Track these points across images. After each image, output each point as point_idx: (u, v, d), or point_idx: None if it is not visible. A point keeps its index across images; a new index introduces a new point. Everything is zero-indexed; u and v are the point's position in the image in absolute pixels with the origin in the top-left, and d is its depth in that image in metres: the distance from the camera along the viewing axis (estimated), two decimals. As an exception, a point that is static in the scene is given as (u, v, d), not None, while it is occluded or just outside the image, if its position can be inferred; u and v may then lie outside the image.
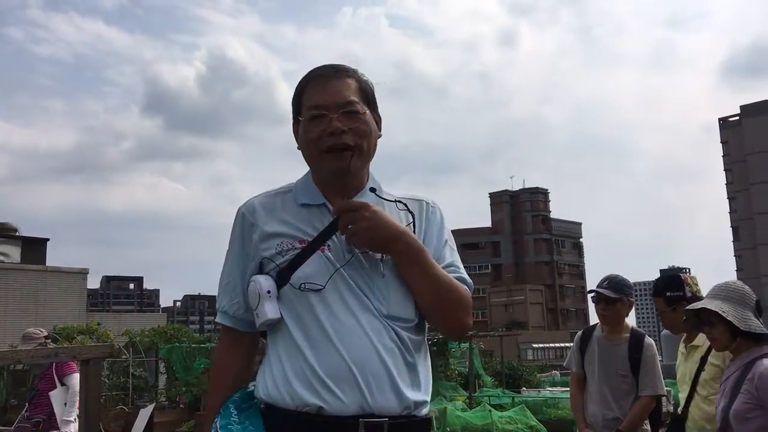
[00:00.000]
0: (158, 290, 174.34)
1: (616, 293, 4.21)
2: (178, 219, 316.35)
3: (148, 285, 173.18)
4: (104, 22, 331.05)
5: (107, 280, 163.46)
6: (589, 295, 4.48)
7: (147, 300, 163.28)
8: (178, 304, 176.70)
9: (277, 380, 1.70)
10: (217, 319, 1.88)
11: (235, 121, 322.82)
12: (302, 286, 1.71)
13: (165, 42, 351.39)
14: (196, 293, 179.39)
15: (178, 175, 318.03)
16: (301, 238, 1.77)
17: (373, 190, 1.83)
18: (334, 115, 1.77)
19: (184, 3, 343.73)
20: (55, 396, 6.10)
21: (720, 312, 2.97)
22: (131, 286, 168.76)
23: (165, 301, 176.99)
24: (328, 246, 1.75)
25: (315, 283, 1.70)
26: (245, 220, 1.84)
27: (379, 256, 1.77)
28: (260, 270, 1.80)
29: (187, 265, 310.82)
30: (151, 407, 13.42)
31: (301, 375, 1.66)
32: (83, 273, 31.79)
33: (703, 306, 3.09)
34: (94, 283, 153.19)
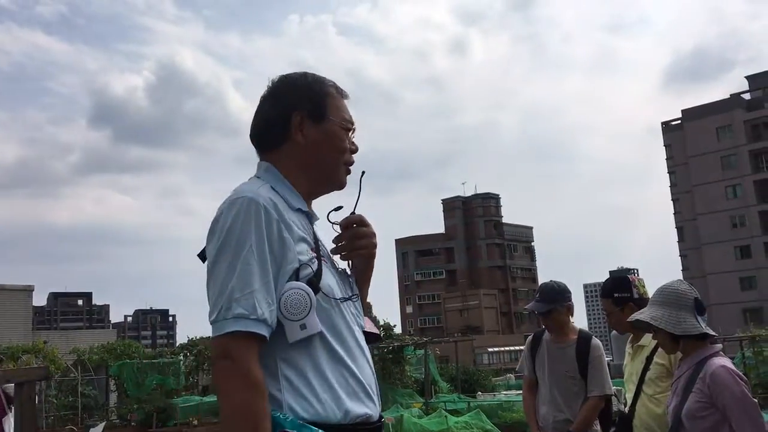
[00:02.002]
0: (108, 306, 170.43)
1: (549, 304, 4.25)
2: (127, 232, 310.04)
3: (97, 301, 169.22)
4: (44, 32, 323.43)
5: (54, 296, 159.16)
6: None
7: (96, 316, 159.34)
8: (129, 319, 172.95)
9: (322, 396, 1.60)
10: (250, 329, 1.53)
11: (186, 132, 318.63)
12: (343, 298, 1.72)
13: (108, 52, 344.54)
14: (148, 308, 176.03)
15: (128, 188, 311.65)
16: (312, 245, 1.72)
17: (340, 207, 1.85)
18: (353, 136, 1.88)
19: (126, 11, 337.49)
20: (9, 422, 5.89)
21: (651, 321, 3.01)
22: (79, 302, 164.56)
23: (115, 317, 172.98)
24: (325, 257, 1.75)
25: (354, 294, 1.77)
26: (270, 216, 1.61)
27: (344, 268, 1.86)
28: (296, 276, 1.64)
29: (138, 280, 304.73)
30: (101, 426, 13.11)
31: (346, 387, 1.64)
32: (28, 290, 30.91)
33: (635, 318, 3.15)
34: (40, 300, 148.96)
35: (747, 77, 71.95)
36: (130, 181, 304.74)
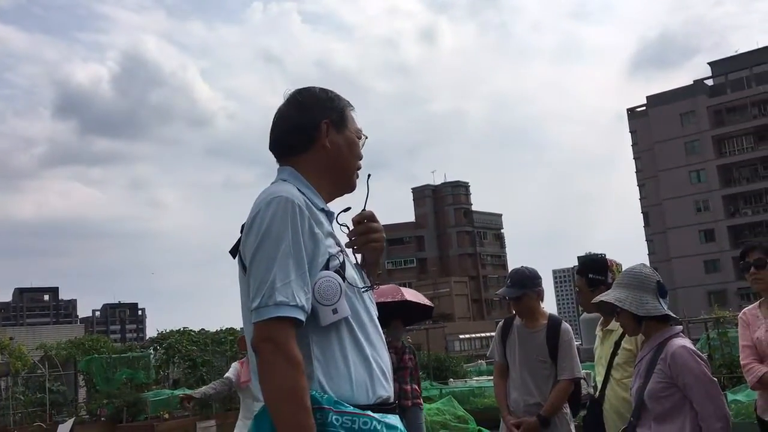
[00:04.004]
0: (75, 300, 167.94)
1: (519, 289, 4.29)
2: (94, 226, 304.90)
3: (64, 295, 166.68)
4: (0, 22, 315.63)
5: (20, 292, 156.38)
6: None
7: (63, 311, 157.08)
8: (97, 313, 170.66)
9: (349, 377, 1.76)
10: (290, 314, 1.69)
11: (152, 123, 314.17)
12: (364, 287, 1.90)
13: (68, 41, 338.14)
14: (116, 302, 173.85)
15: (94, 180, 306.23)
16: (338, 240, 1.93)
17: (348, 209, 2.02)
18: (362, 144, 2.09)
19: (85, 0, 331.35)
20: None
21: (616, 302, 3.07)
22: (46, 297, 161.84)
23: (83, 311, 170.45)
24: (343, 251, 1.93)
25: (374, 285, 1.97)
26: (303, 213, 1.79)
27: (356, 262, 2.02)
28: (326, 267, 1.82)
29: (106, 273, 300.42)
30: (70, 422, 12.93)
31: (368, 369, 1.80)
32: (-8, 286, 30.35)
33: (600, 299, 3.20)
34: (5, 296, 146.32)
35: (710, 63, 73.08)
36: (96, 173, 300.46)
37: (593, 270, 3.98)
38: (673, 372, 2.91)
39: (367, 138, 2.10)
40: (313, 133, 1.97)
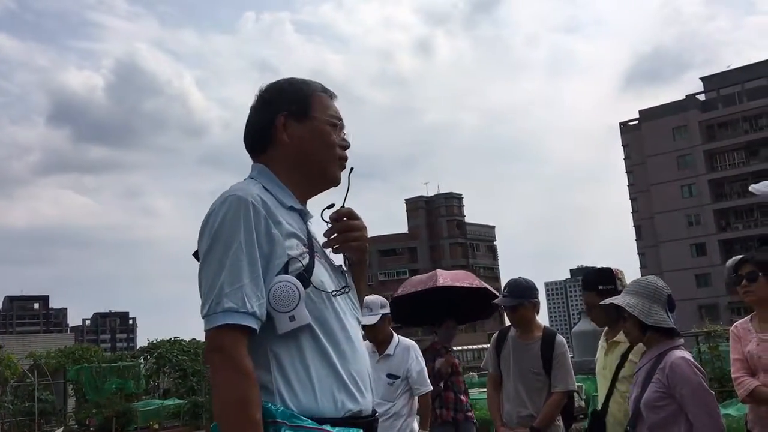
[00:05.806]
0: (65, 309, 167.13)
1: (516, 299, 4.30)
2: (86, 234, 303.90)
3: (54, 304, 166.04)
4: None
5: (9, 300, 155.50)
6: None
7: (54, 320, 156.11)
8: (88, 322, 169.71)
9: (313, 388, 1.65)
10: (240, 321, 1.58)
11: (147, 131, 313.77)
12: (335, 291, 1.75)
13: (60, 49, 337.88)
14: (107, 311, 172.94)
15: (88, 189, 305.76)
16: (304, 241, 1.77)
17: (332, 205, 1.90)
18: (344, 131, 1.92)
19: (77, 7, 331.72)
20: None
21: (626, 307, 3.09)
22: (36, 305, 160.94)
23: (73, 320, 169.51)
24: (318, 252, 1.80)
25: (346, 286, 1.80)
26: (258, 212, 1.67)
27: (340, 263, 1.91)
28: (285, 270, 1.69)
29: (97, 282, 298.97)
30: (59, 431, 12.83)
31: (336, 380, 1.68)
32: (-18, 294, 30.20)
33: (611, 302, 3.22)
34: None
35: (702, 79, 73.52)
36: (89, 181, 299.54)
37: (602, 281, 3.91)
38: (670, 382, 2.93)
39: (343, 124, 1.93)
40: (269, 130, 1.85)
